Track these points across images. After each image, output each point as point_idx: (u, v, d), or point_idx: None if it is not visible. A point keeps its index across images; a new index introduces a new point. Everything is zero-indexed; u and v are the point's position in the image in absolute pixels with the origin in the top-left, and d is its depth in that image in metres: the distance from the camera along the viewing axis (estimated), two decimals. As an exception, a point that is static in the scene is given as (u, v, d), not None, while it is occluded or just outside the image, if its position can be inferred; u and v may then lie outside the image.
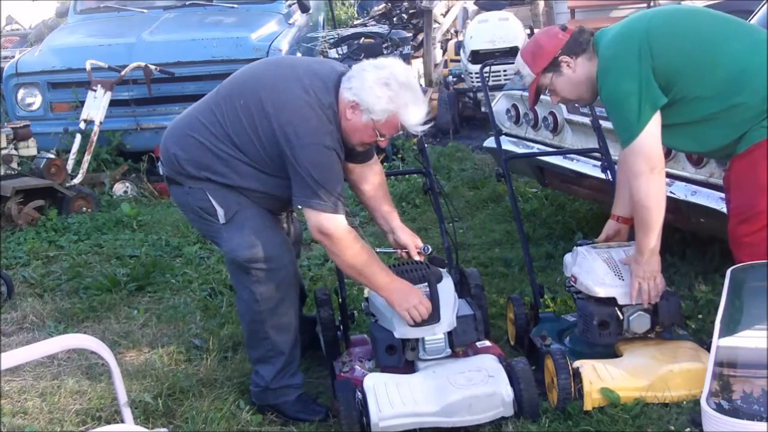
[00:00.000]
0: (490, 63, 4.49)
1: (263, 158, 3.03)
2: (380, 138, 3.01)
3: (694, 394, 2.94)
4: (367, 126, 2.97)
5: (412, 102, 2.95)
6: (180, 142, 3.13)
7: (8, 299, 4.57)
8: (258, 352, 3.23)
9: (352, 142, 3.04)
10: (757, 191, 2.99)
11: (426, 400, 2.89)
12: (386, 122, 2.96)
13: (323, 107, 2.95)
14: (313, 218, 2.95)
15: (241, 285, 3.18)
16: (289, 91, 2.98)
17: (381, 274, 3.02)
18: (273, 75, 3.13)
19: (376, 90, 2.91)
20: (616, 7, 10.77)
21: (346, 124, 2.99)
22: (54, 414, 3.31)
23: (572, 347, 3.35)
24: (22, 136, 6.19)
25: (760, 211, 2.99)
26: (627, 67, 2.99)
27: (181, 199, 3.22)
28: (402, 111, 2.94)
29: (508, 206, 5.40)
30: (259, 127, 2.99)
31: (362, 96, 2.92)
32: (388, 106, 2.92)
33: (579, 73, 3.13)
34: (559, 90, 3.19)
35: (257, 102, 3.01)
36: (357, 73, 2.98)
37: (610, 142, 3.90)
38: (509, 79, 6.70)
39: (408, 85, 2.96)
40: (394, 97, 2.92)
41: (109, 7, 7.94)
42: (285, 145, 2.93)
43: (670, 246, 4.36)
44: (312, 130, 2.92)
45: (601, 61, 3.08)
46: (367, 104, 2.92)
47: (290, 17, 7.90)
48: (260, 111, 2.99)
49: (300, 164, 2.92)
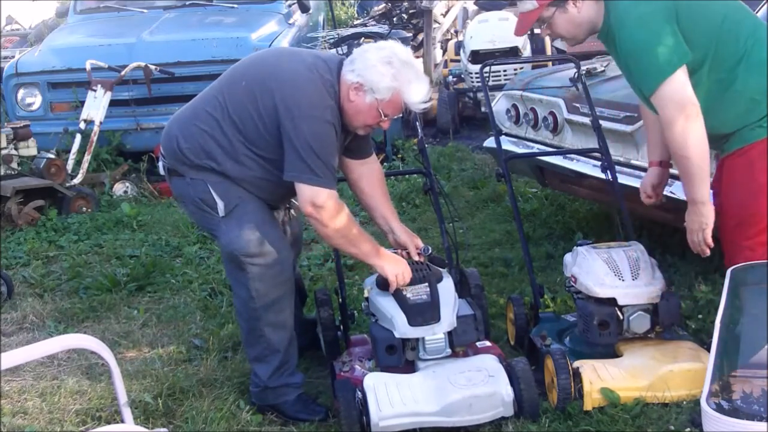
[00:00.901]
0: (490, 63, 4.48)
1: (263, 136, 3.03)
2: (383, 118, 3.03)
3: (694, 394, 2.94)
4: (372, 106, 2.99)
5: (414, 79, 2.99)
6: (183, 130, 3.14)
7: (8, 299, 4.57)
8: (255, 351, 3.23)
9: (354, 124, 3.06)
10: (756, 192, 2.97)
11: (426, 399, 2.89)
12: (390, 101, 2.99)
13: (325, 84, 2.99)
14: (307, 192, 2.96)
15: (237, 282, 3.18)
16: (293, 68, 3.03)
17: (369, 243, 3.09)
18: (276, 56, 3.22)
19: (379, 68, 2.95)
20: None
21: (350, 105, 3.01)
22: (54, 414, 3.31)
23: (572, 347, 3.35)
24: (22, 136, 6.20)
25: (756, 213, 2.98)
26: (656, 12, 2.92)
27: (181, 191, 3.21)
28: (405, 88, 2.97)
29: (508, 206, 5.40)
30: (260, 102, 3.01)
31: (366, 75, 2.95)
32: (392, 84, 2.95)
33: (583, 14, 3.08)
34: (557, 26, 3.12)
35: (260, 80, 3.04)
36: (359, 55, 3.02)
37: (610, 142, 3.90)
38: (509, 79, 6.69)
39: (409, 63, 3.00)
40: (397, 75, 2.95)
41: (109, 7, 7.94)
42: (285, 116, 2.95)
43: (670, 246, 4.37)
44: (314, 103, 2.95)
45: (625, 8, 2.99)
46: (371, 83, 2.95)
47: (290, 17, 7.90)
48: (263, 87, 3.01)
49: (299, 136, 2.93)
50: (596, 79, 4.50)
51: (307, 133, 2.93)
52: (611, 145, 3.92)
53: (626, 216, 3.70)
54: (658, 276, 3.26)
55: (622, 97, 4.17)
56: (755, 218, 2.98)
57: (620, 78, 4.48)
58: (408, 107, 3.04)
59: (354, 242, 3.07)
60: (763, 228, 2.98)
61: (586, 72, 4.37)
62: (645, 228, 4.60)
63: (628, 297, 3.17)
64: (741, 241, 3.03)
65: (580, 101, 4.30)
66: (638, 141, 3.98)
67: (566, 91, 4.51)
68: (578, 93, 4.18)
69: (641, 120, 3.91)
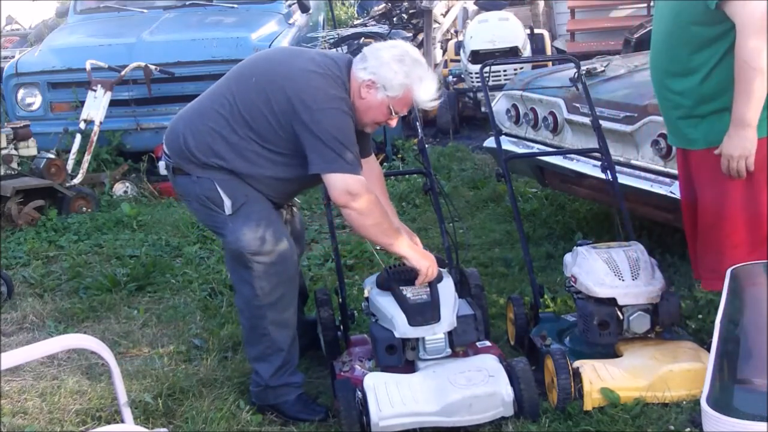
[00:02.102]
0: (490, 63, 4.47)
1: (276, 133, 3.04)
2: (393, 115, 3.08)
3: (694, 394, 2.94)
4: (383, 103, 3.04)
5: (425, 77, 3.04)
6: (190, 128, 3.14)
7: (8, 299, 4.57)
8: (257, 350, 3.23)
9: (364, 120, 3.10)
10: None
11: (426, 399, 2.89)
12: (401, 98, 3.04)
13: (336, 80, 3.02)
14: (340, 181, 2.96)
15: (241, 280, 3.17)
16: (303, 66, 3.05)
17: (401, 234, 3.12)
18: (285, 55, 3.26)
19: (392, 65, 3.00)
20: (616, 7, 10.78)
21: (361, 102, 3.04)
22: (54, 414, 3.31)
23: (572, 347, 3.35)
24: (22, 136, 6.19)
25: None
26: None
27: (186, 189, 3.20)
28: (416, 86, 3.02)
29: (508, 206, 5.40)
30: (272, 99, 3.01)
31: (379, 72, 3.00)
32: (405, 81, 3.00)
33: None
34: None
35: (271, 78, 3.05)
36: (371, 53, 3.06)
37: (610, 142, 3.90)
38: (509, 79, 6.70)
39: (420, 62, 3.06)
40: (410, 72, 3.00)
41: (109, 7, 7.94)
42: (303, 111, 2.96)
43: (670, 246, 4.36)
44: (329, 96, 2.98)
45: None
46: (384, 80, 3.00)
47: (290, 17, 7.90)
48: (273, 84, 3.03)
49: (320, 128, 2.94)
50: (596, 79, 4.51)
51: (328, 124, 2.95)
52: (611, 145, 3.91)
53: (626, 216, 3.70)
54: (658, 276, 3.26)
55: (622, 97, 4.18)
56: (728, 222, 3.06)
57: (620, 78, 4.52)
58: (417, 104, 3.10)
59: (388, 233, 3.07)
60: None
61: (586, 72, 4.37)
62: (645, 228, 4.60)
63: (628, 297, 3.17)
64: (724, 247, 3.10)
65: (580, 101, 4.30)
66: (638, 141, 3.98)
67: (566, 91, 4.51)
68: (578, 93, 4.18)
69: (641, 120, 3.92)
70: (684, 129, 3.15)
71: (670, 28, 3.11)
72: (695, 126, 3.11)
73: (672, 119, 3.22)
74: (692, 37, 3.02)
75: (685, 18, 3.02)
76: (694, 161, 3.17)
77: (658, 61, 3.21)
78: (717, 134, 3.03)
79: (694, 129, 3.12)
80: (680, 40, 3.06)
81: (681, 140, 3.22)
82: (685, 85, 3.09)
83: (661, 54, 3.18)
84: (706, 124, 3.08)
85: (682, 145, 3.24)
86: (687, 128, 3.14)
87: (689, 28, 3.02)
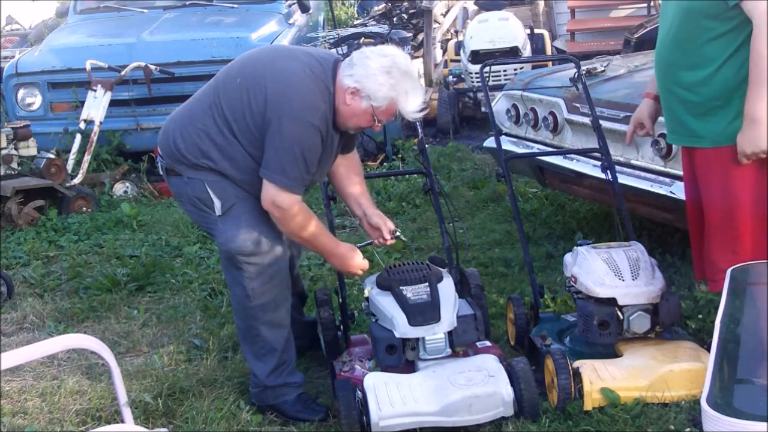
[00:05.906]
0: (490, 63, 4.47)
1: (252, 134, 3.03)
2: (377, 123, 3.07)
3: (694, 394, 2.95)
4: (366, 112, 3.02)
5: (411, 90, 3.01)
6: (179, 130, 3.14)
7: (8, 299, 4.57)
8: (252, 350, 3.24)
9: (348, 125, 3.09)
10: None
11: (426, 399, 2.89)
12: (386, 109, 3.01)
13: (319, 86, 3.00)
14: (271, 191, 2.99)
15: (234, 281, 3.18)
16: (287, 67, 3.03)
17: (327, 241, 3.18)
18: (271, 54, 3.24)
19: (379, 77, 2.96)
20: (616, 7, 10.78)
21: (345, 108, 3.02)
22: (54, 414, 3.31)
23: (572, 347, 3.35)
24: (22, 136, 6.18)
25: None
26: None
27: (179, 190, 3.21)
28: (401, 98, 2.99)
29: (508, 206, 5.40)
30: (252, 99, 3.01)
31: (365, 83, 2.97)
32: (390, 93, 2.98)
33: None
34: None
35: (254, 78, 3.04)
36: (359, 61, 3.01)
37: (610, 142, 3.90)
38: (509, 79, 6.69)
39: (408, 74, 3.02)
40: (396, 85, 2.97)
41: (109, 7, 7.93)
42: (276, 111, 2.95)
43: (670, 246, 4.37)
44: (305, 104, 2.96)
45: None
46: (369, 91, 2.97)
47: (290, 17, 7.90)
48: (257, 86, 3.01)
49: (283, 135, 2.94)
50: (596, 79, 4.51)
51: (292, 134, 2.94)
52: (611, 145, 3.91)
53: (626, 216, 3.70)
54: (658, 276, 3.26)
55: (622, 97, 4.17)
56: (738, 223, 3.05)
57: (620, 78, 4.52)
58: (402, 116, 3.07)
59: (311, 242, 3.14)
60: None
61: (586, 72, 4.37)
62: (645, 228, 4.60)
63: (628, 297, 3.17)
64: (731, 252, 3.08)
65: (580, 101, 4.30)
66: (638, 141, 3.98)
67: (566, 91, 4.51)
68: (578, 93, 4.18)
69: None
70: (691, 125, 3.11)
71: (680, 22, 3.07)
72: (703, 122, 3.07)
73: (678, 115, 3.17)
74: (705, 30, 3.00)
75: (699, 12, 3.00)
76: (700, 161, 3.14)
77: (667, 55, 3.16)
78: (723, 133, 3.01)
79: (701, 125, 3.08)
80: (692, 33, 3.03)
81: (686, 138, 3.18)
82: (697, 76, 3.04)
83: (670, 48, 3.13)
84: (714, 121, 3.05)
85: (687, 143, 3.19)
86: (694, 124, 3.10)
87: (702, 21, 3.00)
